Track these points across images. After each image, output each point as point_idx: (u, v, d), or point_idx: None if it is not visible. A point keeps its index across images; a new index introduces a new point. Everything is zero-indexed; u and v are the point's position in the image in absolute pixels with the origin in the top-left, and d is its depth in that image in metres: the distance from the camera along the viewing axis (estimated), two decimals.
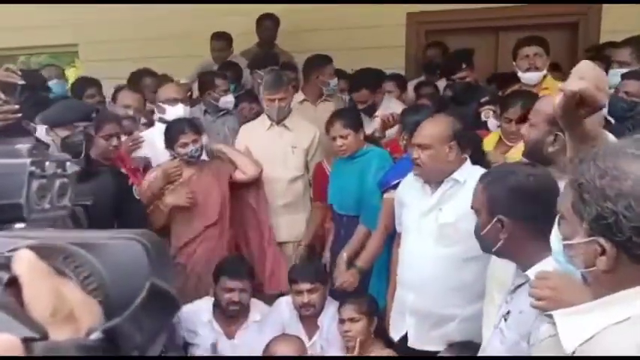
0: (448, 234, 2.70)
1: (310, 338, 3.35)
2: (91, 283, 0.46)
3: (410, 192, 2.93)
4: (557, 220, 1.33)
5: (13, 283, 0.41)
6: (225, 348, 3.41)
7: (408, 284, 2.88)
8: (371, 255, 3.41)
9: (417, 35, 5.88)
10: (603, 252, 1.15)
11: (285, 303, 3.49)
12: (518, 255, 1.90)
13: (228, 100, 4.43)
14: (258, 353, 3.21)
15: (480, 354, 2.07)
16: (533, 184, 1.91)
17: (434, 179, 2.81)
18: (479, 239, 2.05)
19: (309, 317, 3.38)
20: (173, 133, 3.63)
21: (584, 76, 1.46)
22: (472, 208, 2.07)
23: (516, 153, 2.95)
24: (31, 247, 0.45)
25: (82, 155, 3.06)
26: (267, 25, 5.55)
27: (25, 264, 0.42)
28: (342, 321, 3.20)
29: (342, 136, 3.61)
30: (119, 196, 3.21)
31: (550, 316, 1.24)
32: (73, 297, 0.43)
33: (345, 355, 3.23)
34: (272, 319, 3.44)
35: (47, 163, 0.61)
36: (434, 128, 2.80)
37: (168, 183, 3.63)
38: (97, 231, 0.53)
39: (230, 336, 3.45)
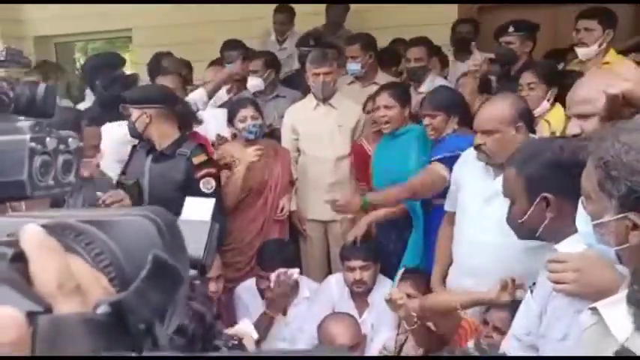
0: None
1: (361, 315, 3.35)
2: (102, 260, 0.45)
3: (470, 173, 2.75)
4: (581, 201, 1.32)
5: (19, 259, 0.40)
6: (279, 325, 3.45)
7: (467, 271, 2.73)
8: (383, 198, 3.28)
9: (469, 10, 5.72)
10: (635, 227, 1.15)
11: (334, 281, 3.51)
12: (563, 233, 1.81)
13: (254, 84, 4.41)
14: (309, 330, 3.24)
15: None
16: (568, 156, 1.81)
17: (501, 162, 2.58)
18: (518, 227, 1.94)
19: (360, 294, 3.38)
20: (234, 107, 3.73)
21: (628, 77, 1.50)
22: (505, 196, 1.97)
23: None
24: (42, 226, 0.44)
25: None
26: (337, 12, 5.55)
27: (33, 238, 0.41)
28: None
29: (386, 106, 3.53)
30: (185, 184, 3.23)
31: (593, 309, 1.22)
32: (82, 272, 0.42)
33: (395, 332, 3.21)
34: (322, 297, 3.46)
35: (48, 139, 0.61)
36: (497, 110, 2.60)
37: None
38: (109, 209, 0.52)
39: (282, 312, 3.48)
